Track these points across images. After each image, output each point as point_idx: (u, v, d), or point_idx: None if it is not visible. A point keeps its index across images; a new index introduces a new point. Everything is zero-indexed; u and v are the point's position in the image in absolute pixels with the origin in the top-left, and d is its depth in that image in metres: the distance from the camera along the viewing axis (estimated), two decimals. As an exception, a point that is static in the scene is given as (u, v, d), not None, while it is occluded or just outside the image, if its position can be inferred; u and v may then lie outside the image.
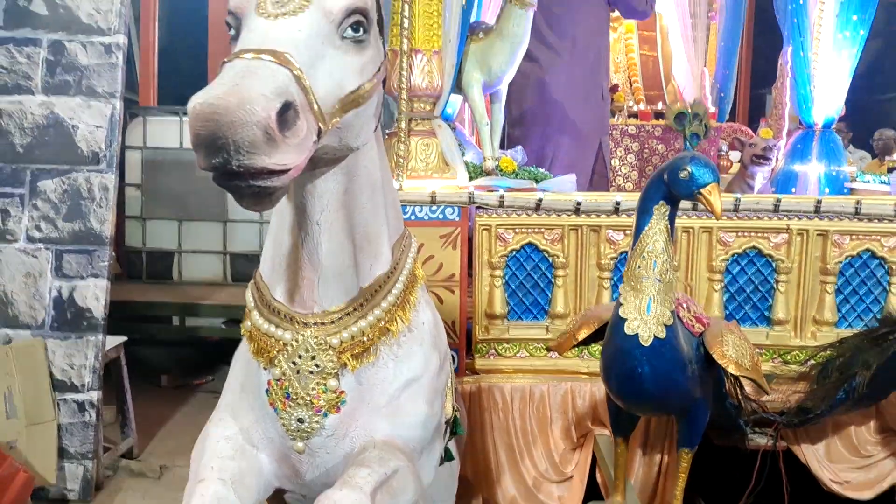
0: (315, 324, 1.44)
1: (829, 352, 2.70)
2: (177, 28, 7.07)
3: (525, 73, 3.16)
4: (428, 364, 1.56)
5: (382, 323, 1.49)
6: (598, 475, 2.82)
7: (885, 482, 2.75)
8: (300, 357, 1.44)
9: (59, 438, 3.32)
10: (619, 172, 4.39)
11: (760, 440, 2.71)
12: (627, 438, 2.38)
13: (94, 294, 3.37)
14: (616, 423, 2.35)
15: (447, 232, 2.85)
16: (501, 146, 3.65)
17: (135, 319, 4.85)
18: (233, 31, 1.26)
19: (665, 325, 1.93)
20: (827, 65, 3.97)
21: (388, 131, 2.99)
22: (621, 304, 1.96)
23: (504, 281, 2.95)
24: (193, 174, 4.81)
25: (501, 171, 3.05)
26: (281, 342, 1.45)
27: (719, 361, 2.05)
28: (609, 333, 2.04)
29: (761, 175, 4.22)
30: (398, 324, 1.51)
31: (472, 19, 3.19)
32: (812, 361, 2.77)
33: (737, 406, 2.59)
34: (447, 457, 1.94)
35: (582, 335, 2.25)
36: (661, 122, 4.88)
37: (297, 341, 1.44)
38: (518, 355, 2.97)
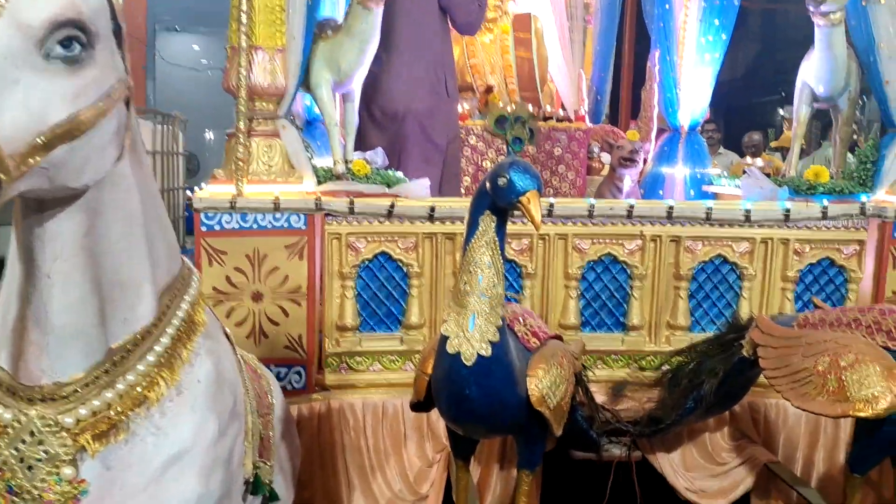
0: (42, 399, 1.19)
1: (680, 357, 2.66)
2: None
3: (369, 72, 3.02)
4: (201, 431, 1.32)
5: (138, 389, 1.24)
6: (454, 493, 2.70)
7: (738, 489, 2.72)
8: (24, 442, 1.18)
9: None
10: (490, 175, 4.30)
11: (616, 451, 2.65)
12: (468, 461, 2.26)
13: None
14: (455, 446, 2.22)
15: (293, 241, 2.69)
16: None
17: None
18: None
19: (491, 343, 1.80)
20: (692, 69, 4.02)
21: (227, 132, 2.79)
22: (444, 322, 1.83)
23: (356, 292, 2.81)
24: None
25: (353, 174, 2.89)
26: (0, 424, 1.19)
27: (529, 389, 1.93)
28: (437, 354, 1.91)
29: (629, 177, 4.23)
30: (161, 387, 1.27)
31: (323, 16, 3.03)
32: (666, 367, 2.73)
33: (588, 417, 2.52)
34: (272, 497, 1.77)
35: (430, 367, 2.03)
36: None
37: (19, 422, 1.18)
38: (371, 369, 2.83)
